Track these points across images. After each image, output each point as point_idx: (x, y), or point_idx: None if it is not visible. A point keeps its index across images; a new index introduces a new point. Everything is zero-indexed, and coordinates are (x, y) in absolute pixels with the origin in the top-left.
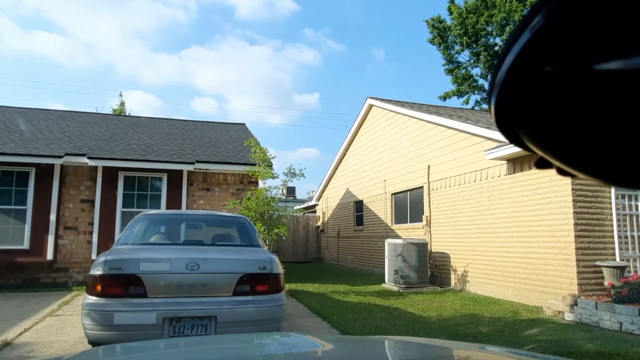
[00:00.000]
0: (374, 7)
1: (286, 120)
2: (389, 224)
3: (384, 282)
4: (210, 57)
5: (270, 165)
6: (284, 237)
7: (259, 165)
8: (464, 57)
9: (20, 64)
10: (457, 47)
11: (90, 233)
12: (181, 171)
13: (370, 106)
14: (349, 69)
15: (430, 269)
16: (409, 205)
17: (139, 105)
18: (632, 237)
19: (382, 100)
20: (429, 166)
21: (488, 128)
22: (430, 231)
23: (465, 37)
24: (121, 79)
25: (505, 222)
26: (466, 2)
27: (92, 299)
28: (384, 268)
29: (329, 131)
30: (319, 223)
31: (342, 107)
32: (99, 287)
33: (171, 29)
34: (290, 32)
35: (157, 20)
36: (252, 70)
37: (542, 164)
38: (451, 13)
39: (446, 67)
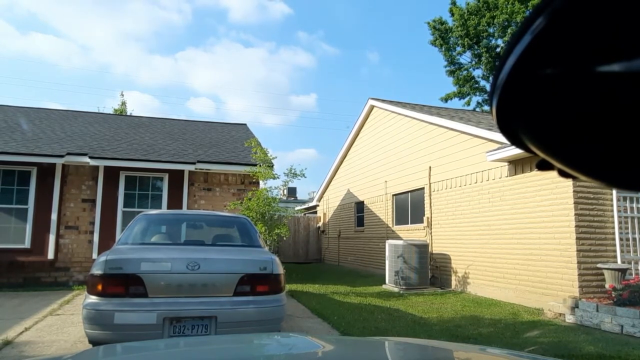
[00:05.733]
0: (366, 11)
1: (283, 121)
2: (390, 225)
3: (384, 283)
4: (206, 58)
5: (271, 166)
6: (284, 238)
7: (260, 165)
8: (466, 58)
9: (16, 65)
10: (458, 49)
11: (91, 232)
12: (182, 171)
13: (372, 107)
14: (344, 71)
15: (431, 271)
16: (410, 207)
17: (135, 105)
18: (634, 239)
19: (383, 101)
20: (430, 167)
21: (489, 130)
22: (431, 232)
23: (466, 39)
24: (117, 80)
25: (506, 223)
26: (468, 4)
27: (93, 298)
28: (384, 269)
29: (327, 132)
30: (320, 224)
31: (339, 108)
32: (99, 287)
33: (166, 31)
34: (284, 34)
35: (152, 22)
36: (247, 72)
37: (543, 166)
38: (452, 14)
39: (447, 68)
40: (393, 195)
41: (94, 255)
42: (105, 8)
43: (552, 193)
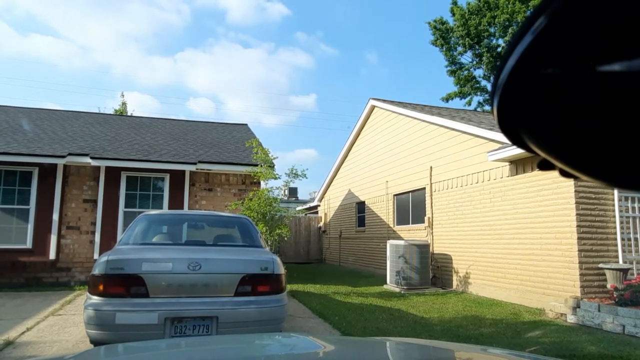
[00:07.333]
0: (365, 11)
1: (283, 121)
2: (391, 225)
3: (385, 283)
4: (205, 59)
5: (272, 166)
6: (285, 238)
7: (261, 166)
8: (467, 58)
9: (16, 65)
10: (459, 49)
11: (93, 233)
12: (183, 171)
13: (373, 107)
14: (344, 72)
15: (432, 271)
16: (411, 207)
17: (135, 105)
18: (635, 239)
19: (384, 101)
20: (431, 167)
21: (490, 129)
22: (432, 232)
23: (467, 39)
24: (117, 80)
25: (508, 223)
26: (469, 4)
27: (94, 298)
28: (385, 269)
29: (327, 132)
30: (321, 224)
31: (339, 108)
32: (101, 287)
33: (165, 32)
34: (283, 35)
35: (151, 23)
36: (246, 72)
37: (544, 166)
38: (453, 14)
39: (448, 68)
40: (394, 195)
41: (96, 256)
42: (105, 9)
43: (554, 193)
